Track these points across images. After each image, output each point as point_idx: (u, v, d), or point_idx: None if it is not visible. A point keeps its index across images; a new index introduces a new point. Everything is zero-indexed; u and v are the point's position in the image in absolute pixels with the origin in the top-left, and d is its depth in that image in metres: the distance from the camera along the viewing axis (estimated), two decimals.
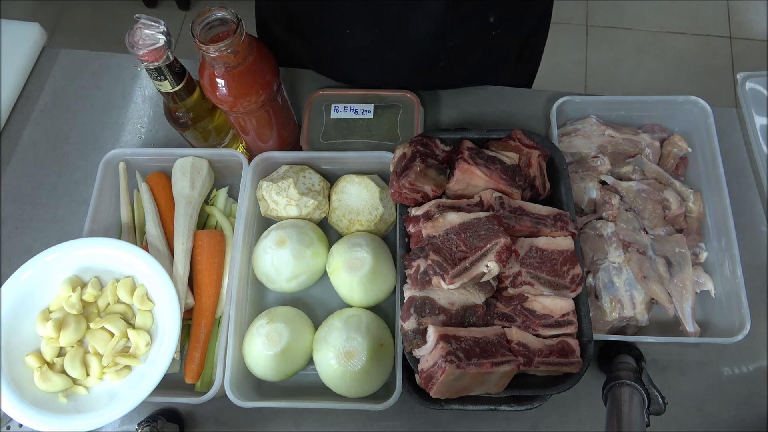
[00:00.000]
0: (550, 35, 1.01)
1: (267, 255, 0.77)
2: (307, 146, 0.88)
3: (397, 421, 0.78)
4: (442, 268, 0.64)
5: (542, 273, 0.68)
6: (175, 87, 0.72)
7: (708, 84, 2.08)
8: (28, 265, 0.73)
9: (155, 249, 0.79)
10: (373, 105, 0.90)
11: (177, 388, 0.77)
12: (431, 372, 0.62)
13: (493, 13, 0.82)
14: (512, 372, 0.64)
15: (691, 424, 0.77)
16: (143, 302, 0.73)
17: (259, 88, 0.72)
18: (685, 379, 0.79)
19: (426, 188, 0.72)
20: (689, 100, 0.85)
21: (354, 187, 0.82)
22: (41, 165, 0.95)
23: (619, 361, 0.73)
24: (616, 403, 0.66)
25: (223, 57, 0.67)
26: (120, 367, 0.71)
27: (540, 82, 1.09)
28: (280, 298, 0.83)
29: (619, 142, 0.87)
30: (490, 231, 0.66)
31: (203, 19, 0.66)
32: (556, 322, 0.67)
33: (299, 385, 0.79)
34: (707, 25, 2.24)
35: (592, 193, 0.83)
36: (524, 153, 0.76)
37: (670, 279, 0.78)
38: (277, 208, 0.81)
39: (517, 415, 0.78)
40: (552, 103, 0.86)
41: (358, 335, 0.71)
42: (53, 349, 0.71)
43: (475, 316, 0.67)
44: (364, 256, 0.75)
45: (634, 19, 2.25)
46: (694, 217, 0.83)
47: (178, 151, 0.83)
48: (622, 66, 2.17)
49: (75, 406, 0.69)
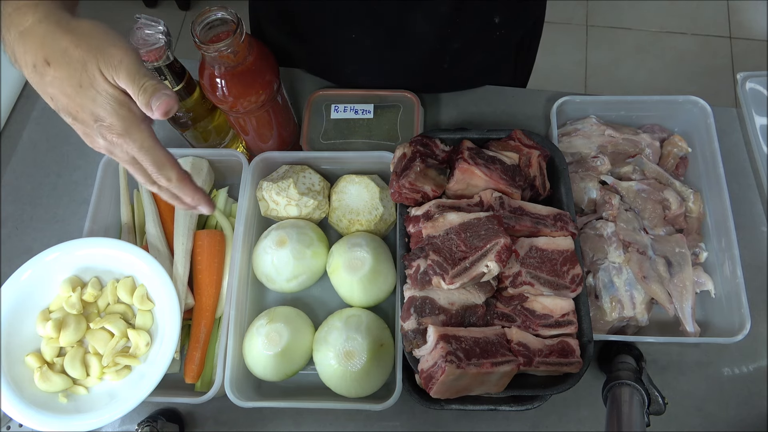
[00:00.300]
0: (551, 35, 1.02)
1: (267, 255, 0.77)
2: (307, 146, 0.88)
3: (397, 421, 0.78)
4: (442, 268, 0.64)
5: (542, 273, 0.68)
6: (175, 87, 0.72)
7: (708, 84, 2.08)
8: (28, 265, 0.73)
9: (155, 249, 0.79)
10: (373, 105, 0.90)
11: (177, 388, 0.77)
12: (431, 372, 0.62)
13: (498, 14, 0.82)
14: (512, 372, 0.64)
15: (691, 424, 0.77)
16: (143, 302, 0.73)
17: (259, 88, 0.72)
18: (685, 379, 0.79)
19: (426, 188, 0.72)
20: (689, 100, 0.85)
21: (354, 187, 0.82)
22: (41, 165, 0.95)
23: (619, 361, 0.73)
24: (616, 403, 0.66)
25: (223, 57, 0.67)
26: (120, 367, 0.71)
27: (540, 82, 1.09)
28: (280, 298, 0.83)
29: (619, 142, 0.87)
30: (490, 231, 0.66)
31: (203, 19, 0.66)
32: (556, 322, 0.67)
33: (299, 385, 0.79)
34: (707, 25, 2.24)
35: (592, 193, 0.83)
36: (524, 153, 0.76)
37: (670, 279, 0.78)
38: (277, 208, 0.81)
39: (517, 415, 0.78)
40: (552, 103, 0.86)
41: (358, 335, 0.71)
42: (53, 349, 0.71)
43: (475, 316, 0.67)
44: (364, 256, 0.75)
45: (634, 19, 2.25)
46: (694, 217, 0.83)
47: (178, 151, 0.83)
48: (622, 66, 2.17)
49: (75, 406, 0.69)
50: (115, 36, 0.50)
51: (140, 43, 0.65)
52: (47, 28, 0.49)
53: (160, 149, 0.53)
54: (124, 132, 0.51)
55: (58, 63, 0.49)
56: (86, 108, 0.50)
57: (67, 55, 0.49)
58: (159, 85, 0.50)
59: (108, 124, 0.50)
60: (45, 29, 0.49)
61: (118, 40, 0.50)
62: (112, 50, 0.49)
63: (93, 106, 0.50)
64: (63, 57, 0.49)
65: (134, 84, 0.49)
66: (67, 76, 0.49)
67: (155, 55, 0.67)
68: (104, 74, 0.49)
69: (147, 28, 0.66)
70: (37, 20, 0.49)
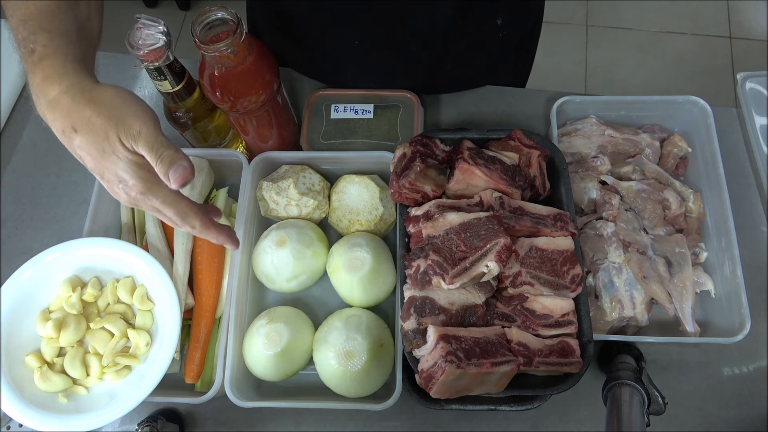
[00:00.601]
0: (551, 35, 1.02)
1: (267, 255, 0.77)
2: (307, 146, 0.88)
3: (397, 421, 0.78)
4: (442, 268, 0.64)
5: (542, 273, 0.68)
6: (175, 87, 0.72)
7: (708, 84, 2.08)
8: (28, 265, 0.73)
9: (155, 249, 0.79)
10: (373, 105, 0.90)
11: (177, 388, 0.77)
12: (431, 372, 0.62)
13: (501, 15, 0.82)
14: (512, 372, 0.64)
15: (691, 424, 0.77)
16: (143, 302, 0.73)
17: (259, 88, 0.72)
18: (685, 379, 0.79)
19: (426, 188, 0.72)
20: (689, 100, 0.85)
21: (354, 187, 0.82)
22: (41, 165, 0.95)
23: (619, 361, 0.73)
24: (616, 403, 0.66)
25: (223, 57, 0.67)
26: (120, 367, 0.70)
27: (540, 82, 1.09)
28: (280, 298, 0.83)
29: (619, 142, 0.87)
30: (490, 231, 0.66)
31: (203, 19, 0.66)
32: (556, 322, 0.67)
33: (299, 385, 0.79)
34: (707, 25, 2.24)
35: (592, 193, 0.83)
36: (524, 153, 0.76)
37: (670, 279, 0.78)
38: (277, 208, 0.81)
39: (517, 415, 0.78)
40: (552, 103, 0.86)
41: (358, 335, 0.71)
42: (53, 349, 0.71)
43: (475, 316, 0.67)
44: (364, 256, 0.75)
45: (634, 19, 2.25)
46: (694, 217, 0.83)
47: None
48: (622, 66, 2.17)
49: (75, 406, 0.69)
50: (135, 104, 0.54)
51: (140, 43, 0.65)
52: (72, 98, 0.52)
53: (181, 201, 0.58)
54: (146, 191, 0.55)
55: (84, 130, 0.52)
56: (110, 170, 0.54)
57: (90, 123, 0.52)
58: (176, 155, 0.53)
59: (131, 185, 0.55)
60: (71, 99, 0.52)
61: (138, 109, 0.54)
62: (131, 120, 0.53)
63: (116, 169, 0.54)
64: (87, 125, 0.52)
65: (153, 153, 0.53)
66: (92, 142, 0.53)
67: (155, 55, 0.67)
68: (124, 143, 0.53)
69: (147, 28, 0.66)
70: (63, 91, 0.52)
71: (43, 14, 0.55)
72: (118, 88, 0.55)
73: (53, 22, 0.55)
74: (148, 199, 0.56)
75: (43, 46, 0.54)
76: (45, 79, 0.53)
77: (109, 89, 0.54)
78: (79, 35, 0.57)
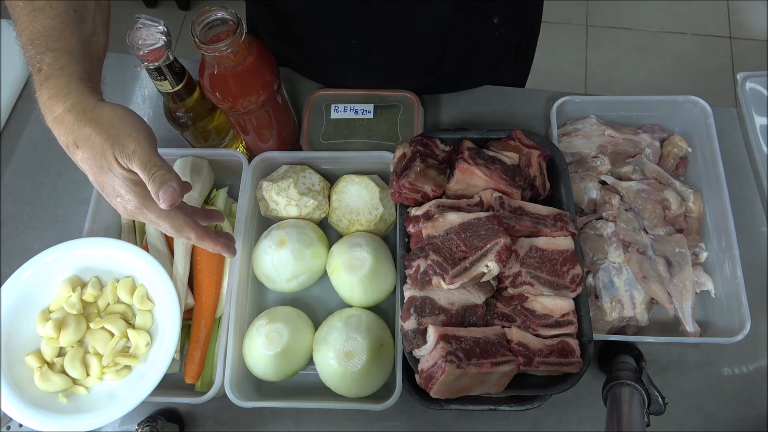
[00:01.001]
0: (551, 35, 1.02)
1: (267, 255, 0.77)
2: (307, 146, 0.88)
3: (397, 421, 0.78)
4: (442, 268, 0.64)
5: (542, 273, 0.68)
6: (175, 87, 0.72)
7: (708, 84, 2.08)
8: (28, 265, 0.73)
9: (155, 249, 0.79)
10: (373, 105, 0.90)
11: (177, 388, 0.77)
12: (431, 372, 0.62)
13: (497, 14, 0.82)
14: (512, 372, 0.64)
15: (691, 424, 0.77)
16: (143, 302, 0.73)
17: (259, 88, 0.72)
18: (685, 379, 0.79)
19: (426, 188, 0.72)
20: (689, 100, 0.85)
21: (354, 187, 0.82)
22: (41, 165, 0.95)
23: (619, 361, 0.73)
24: (616, 403, 0.66)
25: (223, 57, 0.67)
26: (120, 367, 0.70)
27: (540, 82, 1.09)
28: (280, 298, 0.83)
29: (619, 142, 0.87)
30: (490, 231, 0.66)
31: (203, 19, 0.66)
32: (556, 322, 0.67)
33: (299, 385, 0.79)
34: (707, 25, 2.24)
35: (592, 193, 0.83)
36: (524, 153, 0.76)
37: (670, 279, 0.78)
38: (277, 208, 0.81)
39: (517, 415, 0.78)
40: (552, 103, 0.86)
41: (358, 335, 0.71)
42: (53, 349, 0.71)
43: (475, 316, 0.67)
44: (364, 256, 0.75)
45: (634, 19, 2.25)
46: (694, 217, 0.83)
47: (178, 151, 0.83)
48: (622, 66, 2.17)
49: (75, 406, 0.69)
50: (132, 124, 0.57)
51: (140, 43, 0.65)
52: (75, 117, 0.55)
53: (176, 215, 0.61)
54: (141, 205, 0.59)
55: (84, 147, 0.56)
56: (108, 185, 0.58)
57: (90, 140, 0.55)
58: (167, 176, 0.56)
59: (127, 200, 0.58)
60: (73, 117, 0.55)
61: (134, 129, 0.56)
62: (127, 141, 0.55)
63: (113, 185, 0.58)
64: (87, 142, 0.56)
65: (146, 173, 0.56)
66: (92, 158, 0.56)
67: (155, 55, 0.67)
68: (119, 161, 0.56)
69: (147, 28, 0.66)
70: (66, 109, 0.56)
71: (50, 34, 0.58)
72: (118, 108, 0.57)
73: (58, 41, 0.57)
74: (144, 213, 0.59)
75: (49, 66, 0.56)
76: (51, 98, 0.56)
77: (109, 109, 0.57)
78: (85, 52, 0.59)
